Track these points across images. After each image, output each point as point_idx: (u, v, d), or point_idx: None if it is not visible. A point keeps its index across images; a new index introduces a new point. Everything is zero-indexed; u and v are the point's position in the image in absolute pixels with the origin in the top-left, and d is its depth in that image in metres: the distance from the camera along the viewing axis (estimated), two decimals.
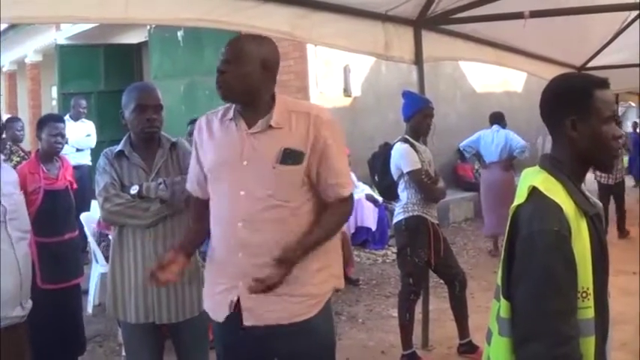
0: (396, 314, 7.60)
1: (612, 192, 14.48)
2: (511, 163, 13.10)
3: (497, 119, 13.55)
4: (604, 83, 2.95)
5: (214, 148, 3.93)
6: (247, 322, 3.81)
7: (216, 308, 3.97)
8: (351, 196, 4.06)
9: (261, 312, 3.80)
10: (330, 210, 3.94)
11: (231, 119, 3.91)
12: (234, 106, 3.93)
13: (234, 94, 3.85)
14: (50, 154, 6.93)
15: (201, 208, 4.12)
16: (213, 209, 3.95)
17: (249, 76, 3.80)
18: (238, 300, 3.83)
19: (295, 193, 3.84)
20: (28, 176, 6.60)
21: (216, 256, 3.99)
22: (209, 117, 4.07)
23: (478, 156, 13.79)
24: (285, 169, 3.77)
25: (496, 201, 12.42)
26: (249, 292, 3.67)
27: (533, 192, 2.87)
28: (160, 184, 4.76)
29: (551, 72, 10.01)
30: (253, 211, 3.77)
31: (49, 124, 6.97)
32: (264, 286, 3.64)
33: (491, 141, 13.26)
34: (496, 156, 13.12)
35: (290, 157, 3.77)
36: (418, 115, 7.28)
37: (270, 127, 3.82)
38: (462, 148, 14.29)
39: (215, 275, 3.99)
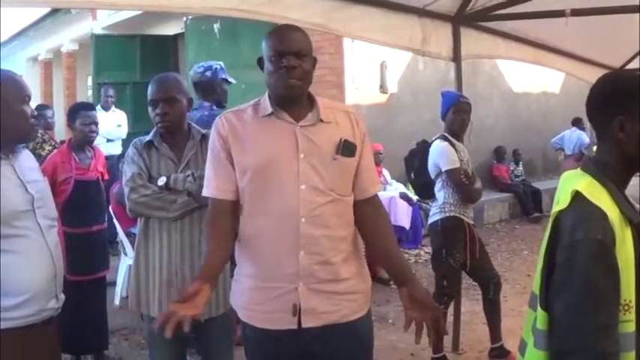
0: None
1: None
2: (582, 156, 14.88)
3: (577, 122, 18.11)
4: None
5: (259, 144, 3.72)
6: (308, 324, 3.69)
7: (270, 315, 3.75)
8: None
9: (325, 312, 3.72)
10: (375, 208, 4.00)
11: (269, 114, 3.76)
12: (267, 101, 3.79)
13: (302, 90, 3.77)
14: (84, 143, 6.93)
15: (232, 212, 3.86)
16: (264, 208, 3.71)
17: (311, 72, 3.79)
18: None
19: (349, 186, 3.84)
20: (60, 165, 6.61)
21: (265, 258, 3.75)
22: (233, 115, 3.86)
23: (562, 149, 18.69)
24: (345, 160, 3.75)
25: None
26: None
27: (577, 197, 2.72)
28: (188, 176, 4.70)
29: (590, 73, 9.93)
30: (316, 205, 3.65)
31: (81, 112, 6.96)
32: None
33: (569, 139, 18.19)
34: (571, 150, 18.01)
35: (348, 148, 3.75)
36: (451, 111, 7.17)
37: (321, 120, 3.77)
38: (551, 143, 19.17)
39: (262, 280, 3.76)
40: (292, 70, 3.64)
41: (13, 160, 3.87)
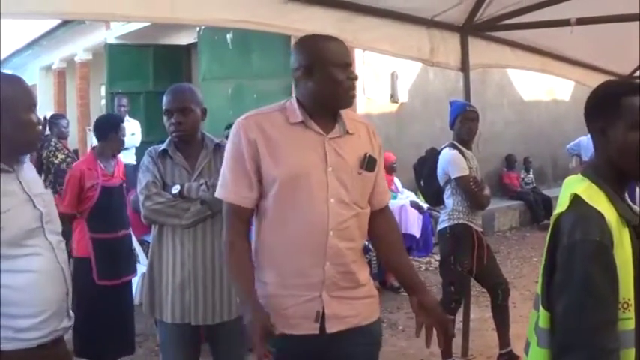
0: None
1: None
2: None
3: None
4: (636, 89, 2.91)
5: (290, 153, 3.63)
6: (333, 328, 3.70)
7: (291, 320, 3.69)
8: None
9: (347, 316, 3.74)
10: (388, 219, 4.08)
11: (299, 122, 3.68)
12: (296, 107, 3.71)
13: None
14: (115, 152, 7.12)
15: (248, 221, 3.83)
16: (292, 219, 3.65)
17: None
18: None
19: (367, 199, 3.86)
20: (86, 172, 6.76)
21: (289, 267, 3.69)
22: (262, 118, 3.72)
23: (578, 156, 16.58)
24: (368, 175, 3.76)
25: None
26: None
27: (575, 200, 2.82)
28: (202, 185, 4.79)
29: (599, 80, 9.87)
30: (344, 219, 3.65)
31: (121, 125, 7.20)
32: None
33: (587, 145, 15.92)
34: (588, 157, 15.61)
35: (370, 163, 3.74)
36: (458, 120, 7.24)
37: (347, 133, 3.75)
38: (567, 149, 17.05)
39: (284, 287, 3.70)
40: (354, 81, 3.69)
41: (18, 172, 3.67)
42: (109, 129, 7.13)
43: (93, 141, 15.68)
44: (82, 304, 6.53)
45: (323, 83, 3.65)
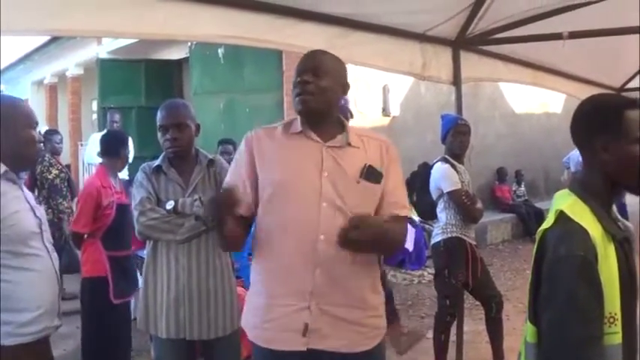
0: (430, 335, 7.57)
1: None
2: None
3: None
4: (634, 103, 2.94)
5: (285, 160, 3.73)
6: (312, 345, 3.62)
7: (278, 335, 3.68)
8: (406, 220, 3.91)
9: (329, 336, 3.64)
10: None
11: (299, 132, 3.79)
12: (298, 119, 3.81)
13: (315, 105, 3.72)
14: (122, 169, 7.12)
15: (240, 229, 3.79)
16: (283, 223, 3.67)
17: (328, 90, 3.75)
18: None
19: (370, 212, 3.75)
20: (102, 190, 6.68)
21: (280, 272, 3.69)
22: (263, 131, 3.89)
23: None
24: (369, 185, 3.72)
25: None
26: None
27: (561, 216, 2.86)
28: (196, 200, 4.80)
29: (590, 93, 9.87)
30: (336, 224, 3.54)
31: (128, 142, 7.21)
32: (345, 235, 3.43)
33: (577, 159, 16.70)
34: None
35: (372, 174, 3.72)
36: (450, 134, 7.29)
37: (349, 144, 3.79)
38: (563, 162, 17.72)
39: (274, 296, 3.70)
40: (304, 85, 3.68)
41: (20, 185, 4.03)
42: (118, 145, 7.13)
43: (85, 156, 15.72)
44: (98, 323, 6.57)
45: None
